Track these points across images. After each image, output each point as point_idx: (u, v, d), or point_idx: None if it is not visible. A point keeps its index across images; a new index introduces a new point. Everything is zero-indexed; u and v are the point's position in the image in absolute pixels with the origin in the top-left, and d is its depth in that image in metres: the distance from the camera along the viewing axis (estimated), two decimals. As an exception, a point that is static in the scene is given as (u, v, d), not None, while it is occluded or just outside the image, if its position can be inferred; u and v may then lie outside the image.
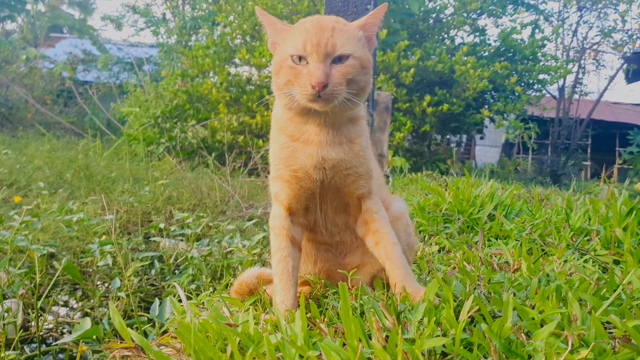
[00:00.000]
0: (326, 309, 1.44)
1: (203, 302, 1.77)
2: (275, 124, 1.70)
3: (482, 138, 14.75)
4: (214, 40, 11.92)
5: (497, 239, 2.83)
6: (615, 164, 17.60)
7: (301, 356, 1.06)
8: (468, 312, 1.16)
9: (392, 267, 1.63)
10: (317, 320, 1.26)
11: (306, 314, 1.25)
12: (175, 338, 1.30)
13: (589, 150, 21.42)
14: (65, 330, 2.84)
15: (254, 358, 1.10)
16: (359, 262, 1.81)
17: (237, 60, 11.98)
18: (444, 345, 1.11)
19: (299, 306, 1.46)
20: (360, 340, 1.11)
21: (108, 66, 18.74)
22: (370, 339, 1.10)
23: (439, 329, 1.18)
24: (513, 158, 19.86)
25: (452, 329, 1.18)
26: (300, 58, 1.49)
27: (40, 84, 17.10)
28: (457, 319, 1.22)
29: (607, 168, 10.73)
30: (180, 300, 1.59)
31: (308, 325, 1.17)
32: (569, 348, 1.04)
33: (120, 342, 1.29)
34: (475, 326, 1.25)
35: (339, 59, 1.50)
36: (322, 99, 1.47)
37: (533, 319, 1.32)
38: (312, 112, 1.56)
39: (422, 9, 12.71)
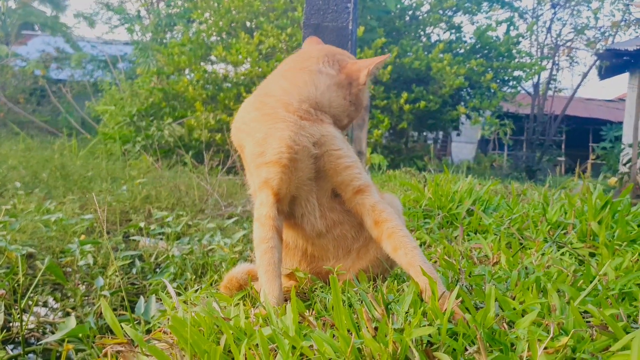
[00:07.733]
0: (315, 302, 1.46)
1: (190, 299, 1.78)
2: None
3: (458, 135, 14.90)
4: (190, 37, 11.83)
5: (476, 234, 2.88)
6: (588, 159, 17.90)
7: (294, 347, 1.09)
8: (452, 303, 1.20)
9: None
10: (305, 313, 1.29)
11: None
12: (167, 333, 1.32)
13: (563, 146, 21.76)
14: (47, 330, 2.82)
15: (249, 349, 1.12)
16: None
17: (213, 58, 11.92)
18: (430, 335, 1.14)
19: (285, 299, 1.47)
20: (350, 332, 1.14)
21: (82, 64, 18.40)
22: (360, 330, 1.13)
23: (425, 319, 1.22)
24: (489, 154, 20.09)
25: (437, 320, 1.21)
26: None
27: (12, 82, 16.81)
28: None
29: (581, 163, 10.93)
30: (170, 297, 1.60)
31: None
32: (551, 335, 1.08)
33: (112, 338, 1.30)
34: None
35: None
36: None
37: (514, 309, 1.36)
38: None
39: (398, 6, 12.79)
